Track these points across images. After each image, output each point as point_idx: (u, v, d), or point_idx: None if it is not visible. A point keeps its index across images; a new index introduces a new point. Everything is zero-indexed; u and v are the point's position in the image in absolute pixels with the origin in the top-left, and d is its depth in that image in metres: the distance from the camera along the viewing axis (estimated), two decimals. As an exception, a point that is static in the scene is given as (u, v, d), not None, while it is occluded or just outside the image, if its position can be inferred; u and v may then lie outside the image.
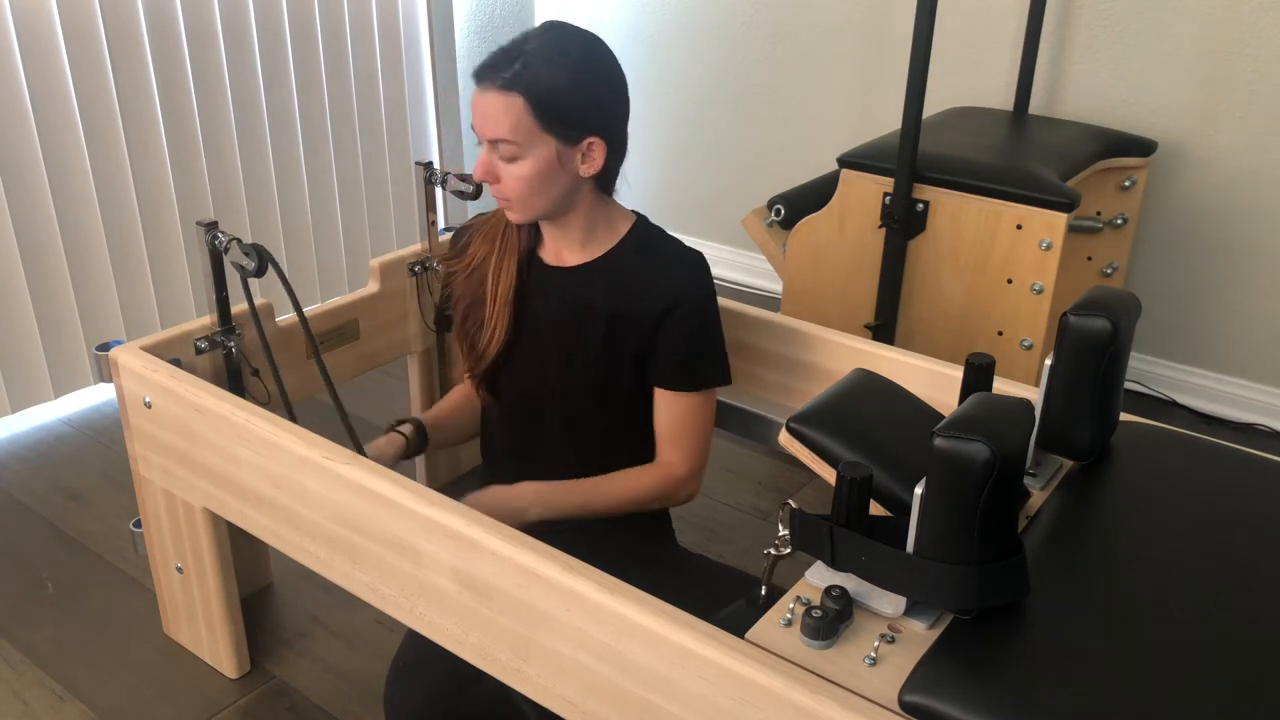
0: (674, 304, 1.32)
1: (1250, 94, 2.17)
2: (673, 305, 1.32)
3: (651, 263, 1.35)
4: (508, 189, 1.30)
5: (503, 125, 1.24)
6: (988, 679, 0.87)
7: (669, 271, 1.34)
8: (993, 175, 1.91)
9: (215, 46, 2.42)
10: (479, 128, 1.27)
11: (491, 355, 1.42)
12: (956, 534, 0.89)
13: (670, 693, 0.98)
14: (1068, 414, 1.12)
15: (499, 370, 1.44)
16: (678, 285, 1.33)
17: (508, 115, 1.24)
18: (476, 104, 1.26)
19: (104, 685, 1.59)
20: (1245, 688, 0.85)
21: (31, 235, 2.20)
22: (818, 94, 2.79)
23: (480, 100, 1.26)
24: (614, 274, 1.36)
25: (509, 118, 1.24)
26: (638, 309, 1.33)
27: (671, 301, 1.32)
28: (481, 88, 1.25)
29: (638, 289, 1.34)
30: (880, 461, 1.06)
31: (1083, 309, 1.09)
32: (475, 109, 1.27)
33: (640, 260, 1.36)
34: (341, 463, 1.20)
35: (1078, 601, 0.95)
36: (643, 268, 1.35)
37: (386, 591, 1.24)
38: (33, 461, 2.17)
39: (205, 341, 1.52)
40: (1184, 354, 2.43)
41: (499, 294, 1.40)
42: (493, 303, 1.41)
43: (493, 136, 1.26)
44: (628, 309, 1.34)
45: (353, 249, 2.87)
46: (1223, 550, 1.02)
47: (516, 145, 1.26)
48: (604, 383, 1.39)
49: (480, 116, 1.26)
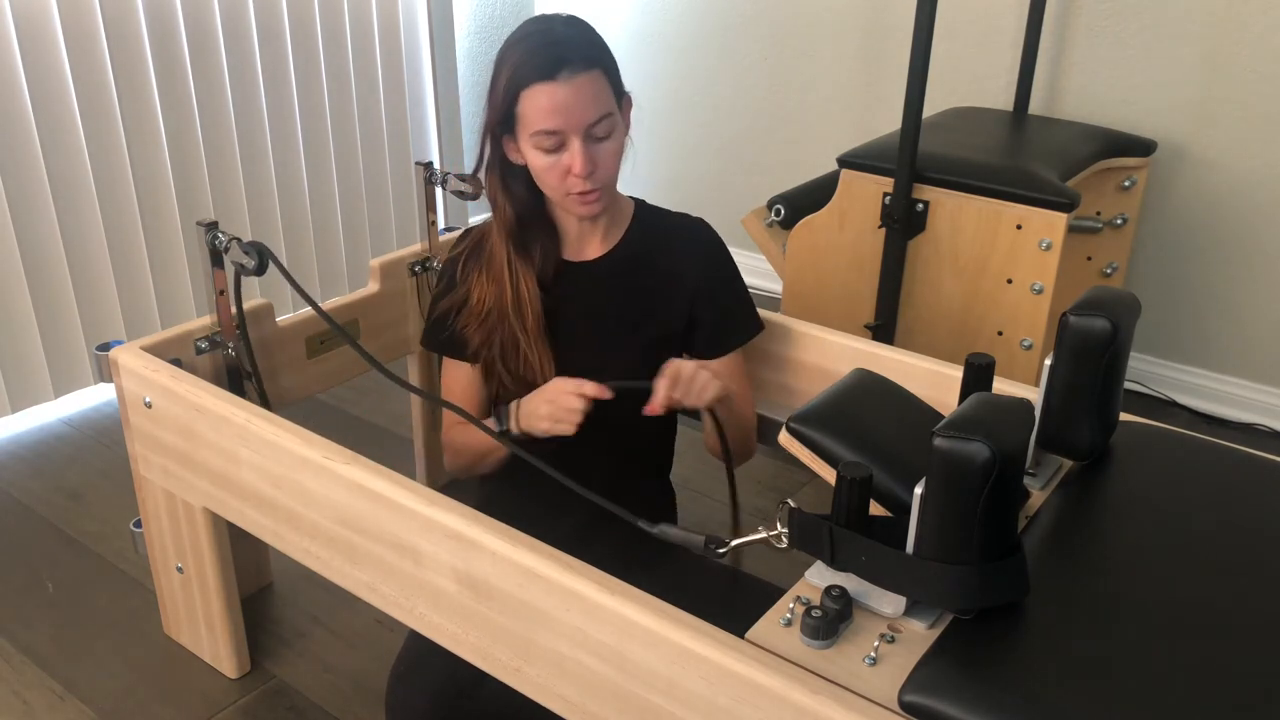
0: (706, 260, 1.38)
1: (1250, 94, 2.17)
2: (705, 261, 1.38)
3: (671, 233, 1.40)
4: (606, 172, 1.28)
5: (603, 102, 1.24)
6: (988, 679, 0.87)
7: (690, 235, 1.40)
8: (992, 175, 1.91)
9: (215, 46, 2.42)
10: (574, 119, 1.23)
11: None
12: (956, 534, 0.89)
13: (670, 693, 0.98)
14: (1068, 414, 1.12)
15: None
16: (702, 243, 1.39)
17: (602, 90, 1.24)
18: (559, 96, 1.21)
19: (104, 685, 1.59)
20: (1245, 688, 0.85)
21: (31, 235, 2.20)
22: (818, 94, 2.79)
23: (565, 89, 1.21)
24: (640, 253, 1.39)
25: (604, 92, 1.24)
26: (674, 278, 1.38)
27: (703, 258, 1.38)
28: (562, 78, 1.21)
29: (670, 259, 1.38)
30: (880, 461, 1.06)
31: (1083, 309, 1.09)
32: (558, 102, 1.21)
33: (660, 233, 1.40)
34: (341, 463, 1.20)
35: (1078, 601, 0.95)
36: (665, 239, 1.39)
37: (386, 591, 1.24)
38: (33, 461, 2.17)
39: (205, 341, 1.52)
40: (1184, 354, 2.43)
41: (529, 326, 1.35)
42: (525, 335, 1.35)
43: (596, 116, 1.24)
44: (663, 282, 1.38)
45: (353, 249, 2.87)
46: (1222, 550, 1.02)
47: (612, 117, 1.26)
48: (656, 362, 1.39)
49: (576, 104, 1.22)
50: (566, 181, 1.27)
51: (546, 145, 1.25)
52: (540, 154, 1.26)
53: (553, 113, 1.22)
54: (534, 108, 1.23)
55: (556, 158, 1.26)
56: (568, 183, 1.27)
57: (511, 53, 1.25)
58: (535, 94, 1.22)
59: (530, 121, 1.24)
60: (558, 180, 1.27)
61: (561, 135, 1.24)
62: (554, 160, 1.26)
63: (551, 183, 1.28)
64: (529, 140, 1.26)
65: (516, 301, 1.35)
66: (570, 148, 1.25)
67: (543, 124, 1.23)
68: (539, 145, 1.25)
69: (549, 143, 1.24)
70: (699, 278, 1.39)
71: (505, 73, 1.25)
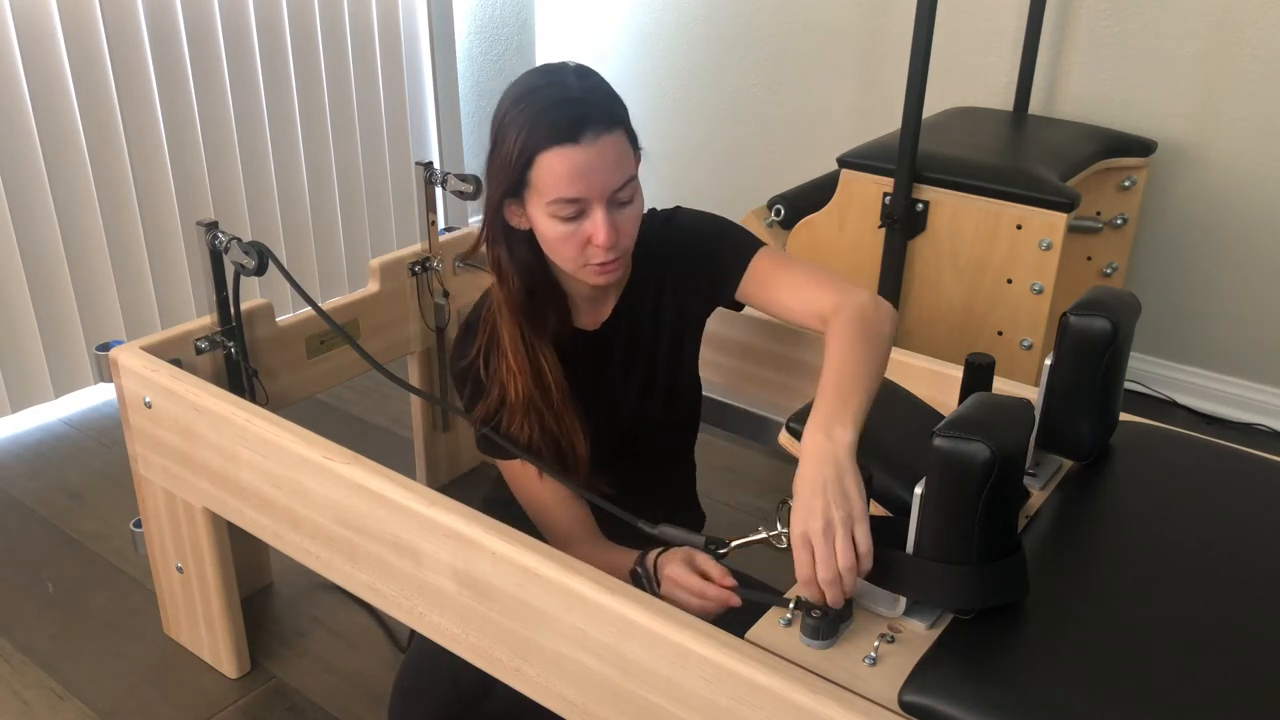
0: (690, 271, 1.27)
1: (1250, 94, 2.17)
2: (690, 272, 1.27)
3: (663, 266, 1.29)
4: (629, 239, 1.16)
5: (626, 165, 1.13)
6: (988, 679, 0.87)
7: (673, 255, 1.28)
8: (992, 175, 1.91)
9: (215, 46, 2.42)
10: (597, 186, 1.10)
11: (583, 452, 1.25)
12: (956, 534, 0.90)
13: (670, 692, 0.98)
14: (1068, 414, 1.12)
15: (597, 456, 1.27)
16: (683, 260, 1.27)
17: (625, 152, 1.13)
18: (581, 160, 1.08)
19: (104, 685, 1.59)
20: (1245, 687, 0.85)
21: (31, 235, 2.20)
22: (818, 94, 2.79)
23: (588, 154, 1.08)
24: (643, 306, 1.29)
25: (627, 154, 1.13)
26: (678, 309, 1.30)
27: (689, 272, 1.27)
28: (585, 141, 1.08)
29: (669, 295, 1.29)
30: (880, 461, 1.06)
31: (1083, 309, 1.09)
32: (580, 167, 1.09)
33: (654, 269, 1.29)
34: (341, 463, 1.20)
35: (1077, 601, 0.95)
36: (659, 275, 1.29)
37: (386, 591, 1.24)
38: (33, 461, 2.17)
39: (205, 341, 1.52)
40: (1184, 354, 2.43)
41: (555, 400, 1.23)
42: (552, 410, 1.23)
43: (621, 181, 1.12)
44: (672, 318, 1.30)
45: (353, 249, 2.87)
46: (1222, 550, 1.02)
47: (635, 181, 1.15)
48: (691, 399, 1.38)
49: (600, 169, 1.10)
50: (586, 252, 1.14)
51: (565, 214, 1.11)
52: (557, 222, 1.12)
53: (575, 180, 1.09)
54: (552, 174, 1.09)
55: (576, 226, 1.12)
56: (587, 253, 1.14)
57: (520, 110, 1.10)
58: (553, 158, 1.08)
59: (547, 189, 1.10)
60: (576, 251, 1.14)
61: (583, 203, 1.11)
62: (573, 229, 1.12)
63: (568, 254, 1.15)
64: (543, 208, 1.12)
65: (538, 376, 1.22)
66: (592, 216, 1.12)
67: (563, 192, 1.09)
68: (556, 214, 1.11)
69: (568, 211, 1.11)
70: (690, 282, 1.29)
71: (515, 134, 1.10)
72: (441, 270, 1.85)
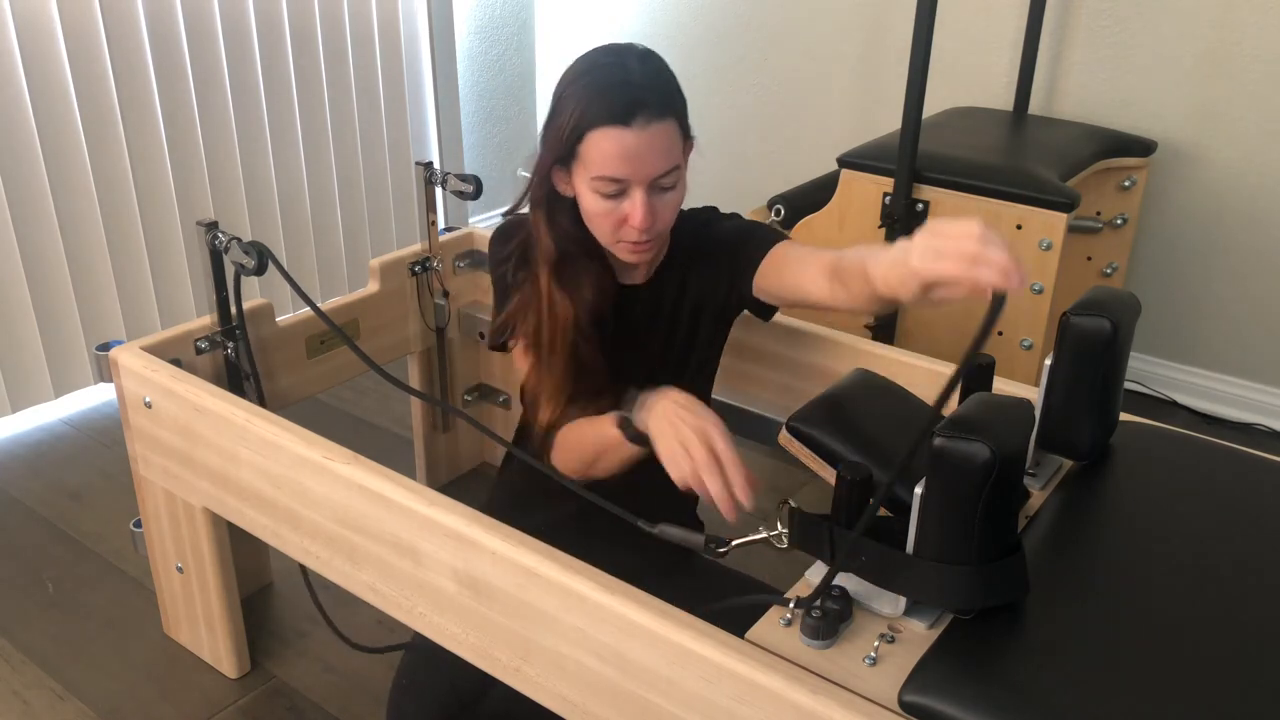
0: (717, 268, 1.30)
1: (1250, 94, 2.17)
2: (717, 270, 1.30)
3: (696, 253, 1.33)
4: (665, 224, 1.20)
5: (673, 154, 1.16)
6: (987, 679, 0.87)
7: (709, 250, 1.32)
8: (992, 175, 1.91)
9: (215, 46, 2.42)
10: (641, 170, 1.14)
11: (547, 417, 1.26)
12: (956, 534, 0.90)
13: (670, 692, 0.98)
14: (1068, 414, 1.12)
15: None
16: (700, 232, 1.32)
17: (674, 141, 1.16)
18: (629, 143, 1.12)
19: (104, 685, 1.59)
20: (1244, 687, 0.85)
21: (31, 235, 2.20)
22: (818, 94, 2.79)
23: (637, 138, 1.12)
24: (660, 279, 1.32)
25: (675, 144, 1.16)
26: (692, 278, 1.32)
27: (708, 244, 1.31)
28: (636, 125, 1.11)
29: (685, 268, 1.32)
30: (881, 461, 1.06)
31: (1083, 309, 1.09)
32: (627, 149, 1.12)
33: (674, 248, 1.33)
34: (341, 463, 1.20)
35: (1077, 601, 0.95)
36: (676, 249, 1.32)
37: (386, 591, 1.24)
38: (33, 461, 2.17)
39: (205, 341, 1.52)
40: (1184, 354, 2.43)
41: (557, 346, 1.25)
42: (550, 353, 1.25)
43: (665, 169, 1.15)
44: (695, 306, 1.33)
45: (353, 249, 2.87)
46: (1222, 550, 1.02)
47: (679, 169, 1.18)
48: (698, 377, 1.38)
49: (647, 154, 1.13)
50: (621, 230, 1.18)
51: (607, 191, 1.16)
52: (598, 198, 1.17)
53: (621, 160, 1.13)
54: (600, 151, 1.13)
55: (615, 204, 1.16)
56: (622, 231, 1.19)
57: (579, 86, 1.14)
58: (603, 137, 1.12)
59: (593, 164, 1.14)
60: (612, 227, 1.19)
61: (625, 184, 1.15)
62: (612, 206, 1.17)
63: (605, 229, 1.20)
64: (588, 181, 1.16)
65: (552, 320, 1.25)
66: (632, 197, 1.16)
67: (608, 170, 1.14)
68: (598, 190, 1.16)
69: (610, 189, 1.15)
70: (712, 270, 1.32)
71: (571, 107, 1.14)
72: (441, 270, 1.85)
